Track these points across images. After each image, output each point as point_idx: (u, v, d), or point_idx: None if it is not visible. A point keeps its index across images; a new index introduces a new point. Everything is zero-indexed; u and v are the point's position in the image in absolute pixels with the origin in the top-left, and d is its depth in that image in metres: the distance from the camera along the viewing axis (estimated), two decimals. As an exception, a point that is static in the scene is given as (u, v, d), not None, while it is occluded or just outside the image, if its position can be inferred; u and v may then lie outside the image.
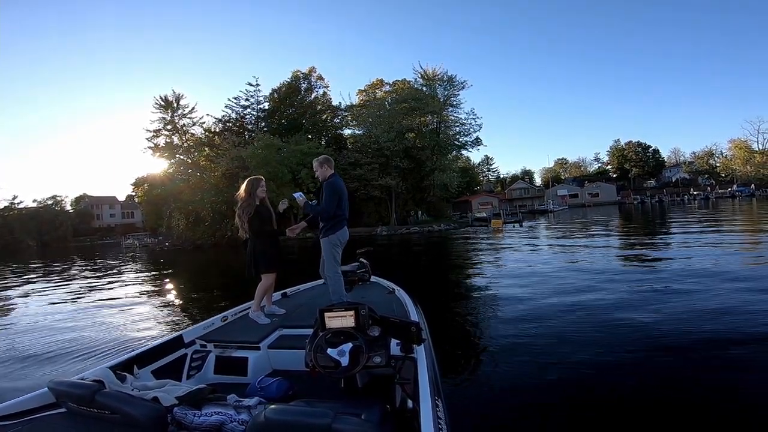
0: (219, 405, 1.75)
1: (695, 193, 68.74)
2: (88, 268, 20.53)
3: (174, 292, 11.13)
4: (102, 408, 1.65)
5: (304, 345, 2.26)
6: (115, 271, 18.27)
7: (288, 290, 4.75)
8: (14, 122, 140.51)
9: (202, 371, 2.91)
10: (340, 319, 2.14)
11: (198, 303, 8.79)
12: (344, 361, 2.05)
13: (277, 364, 2.96)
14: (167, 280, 14.07)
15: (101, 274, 17.13)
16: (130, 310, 8.35)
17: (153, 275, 15.81)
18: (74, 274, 17.36)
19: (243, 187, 3.95)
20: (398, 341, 2.24)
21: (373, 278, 5.13)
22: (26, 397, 1.92)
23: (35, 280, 16.35)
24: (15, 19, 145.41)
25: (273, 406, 1.52)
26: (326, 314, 2.15)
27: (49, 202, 77.04)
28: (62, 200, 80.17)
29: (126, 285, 12.76)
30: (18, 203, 74.84)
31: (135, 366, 2.45)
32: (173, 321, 7.17)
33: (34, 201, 76.73)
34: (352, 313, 2.12)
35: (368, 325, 2.16)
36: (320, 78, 50.88)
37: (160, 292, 11.00)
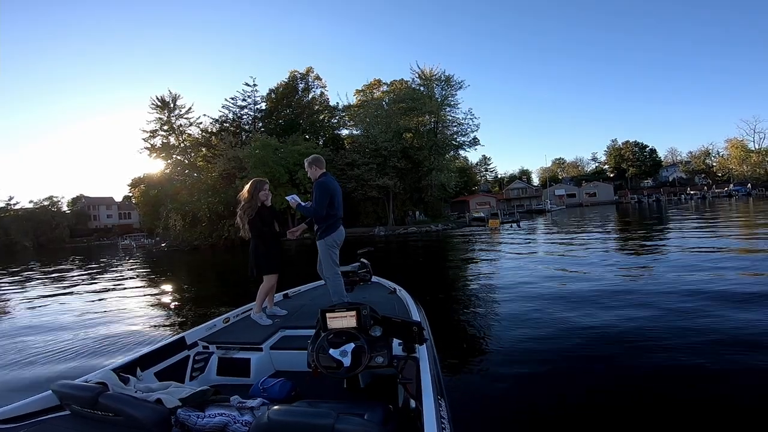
0: (222, 406, 1.76)
1: (692, 192, 68.99)
2: (85, 269, 20.44)
3: (173, 293, 11.09)
4: (105, 410, 1.65)
5: (306, 346, 2.26)
6: (112, 272, 18.20)
7: (289, 291, 4.75)
8: (10, 122, 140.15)
9: (204, 373, 2.91)
10: (342, 320, 2.14)
11: (198, 304, 8.76)
12: (346, 361, 2.06)
13: (280, 365, 2.96)
14: (166, 281, 14.02)
15: (99, 275, 17.06)
16: (130, 311, 8.33)
17: (152, 277, 15.74)
18: (72, 276, 17.27)
19: (246, 187, 3.93)
20: (400, 341, 2.24)
21: (375, 278, 5.13)
22: (30, 399, 1.92)
23: (32, 282, 16.27)
24: (12, 19, 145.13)
25: (276, 406, 1.53)
26: (328, 315, 2.15)
27: (46, 203, 76.61)
28: (59, 201, 79.78)
29: (125, 287, 12.71)
30: (14, 204, 74.59)
31: (138, 368, 2.45)
32: (175, 323, 7.15)
33: (31, 202, 76.48)
34: (353, 313, 2.13)
35: (370, 326, 2.17)
36: (318, 78, 50.94)
37: (160, 294, 10.96)
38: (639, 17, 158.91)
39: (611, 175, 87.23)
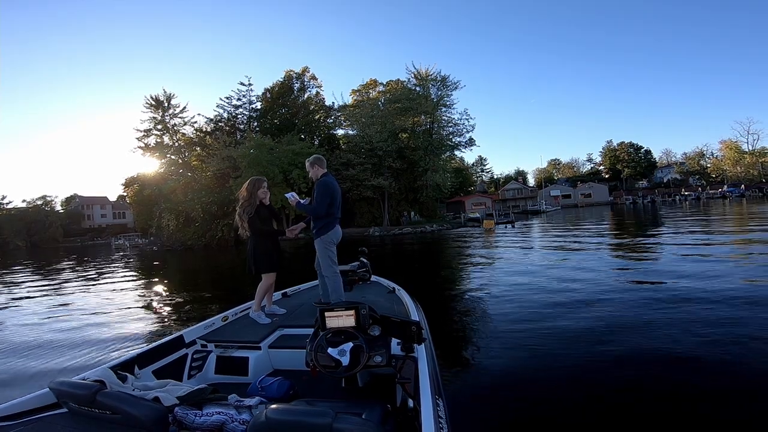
0: (220, 405, 1.75)
1: (686, 193, 69.39)
2: (79, 269, 20.28)
3: (170, 292, 11.02)
4: (103, 408, 1.64)
5: (304, 344, 2.27)
6: (106, 271, 18.06)
7: (288, 290, 4.76)
8: (5, 121, 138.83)
9: (203, 371, 2.90)
10: (341, 319, 2.14)
11: (195, 303, 8.73)
12: (345, 360, 2.06)
13: (278, 364, 2.96)
14: (162, 280, 13.94)
15: (93, 275, 16.92)
16: (127, 310, 8.28)
17: (147, 276, 15.65)
18: (66, 276, 17.13)
19: (245, 185, 3.93)
20: (399, 340, 2.24)
21: (374, 278, 5.13)
22: (27, 397, 1.91)
23: (26, 281, 16.12)
24: (9, 18, 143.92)
25: (274, 405, 1.52)
26: (327, 314, 2.15)
27: (39, 203, 76.01)
28: (52, 200, 79.18)
29: (120, 286, 12.61)
30: (7, 203, 74.03)
31: (136, 366, 2.45)
32: (172, 321, 7.12)
33: (24, 201, 76.05)
34: (352, 312, 2.13)
35: (369, 325, 2.17)
36: (313, 78, 50.74)
37: (156, 293, 10.90)
38: (635, 18, 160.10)
39: (606, 176, 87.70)
